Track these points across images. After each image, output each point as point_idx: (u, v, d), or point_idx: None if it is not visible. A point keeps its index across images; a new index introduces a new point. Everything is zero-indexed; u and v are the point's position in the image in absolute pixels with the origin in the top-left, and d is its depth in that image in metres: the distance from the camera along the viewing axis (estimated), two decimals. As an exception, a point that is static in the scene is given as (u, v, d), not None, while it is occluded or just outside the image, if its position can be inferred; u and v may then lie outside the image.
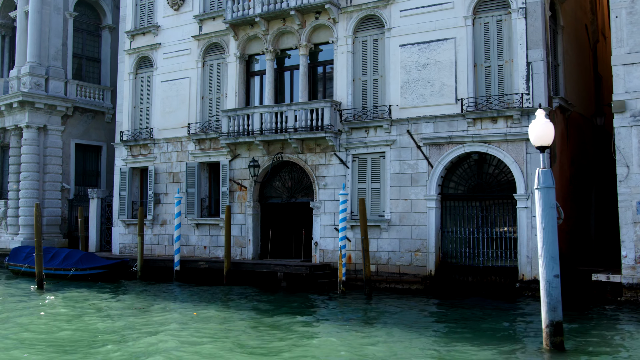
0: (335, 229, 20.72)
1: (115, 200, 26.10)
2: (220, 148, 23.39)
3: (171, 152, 24.75)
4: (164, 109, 24.99)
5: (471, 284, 18.79)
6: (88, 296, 18.41)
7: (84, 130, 29.69)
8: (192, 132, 23.89)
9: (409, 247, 19.48)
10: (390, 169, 19.92)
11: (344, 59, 21.01)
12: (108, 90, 30.46)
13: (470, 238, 19.02)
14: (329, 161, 21.07)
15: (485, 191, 18.91)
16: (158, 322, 14.18)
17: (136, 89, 26.14)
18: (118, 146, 26.32)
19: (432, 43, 19.49)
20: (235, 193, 22.95)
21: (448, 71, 19.16)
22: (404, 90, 19.84)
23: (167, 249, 24.52)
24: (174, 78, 24.81)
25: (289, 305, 16.89)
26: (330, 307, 16.90)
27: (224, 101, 23.62)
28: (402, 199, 19.69)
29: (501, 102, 18.40)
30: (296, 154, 21.65)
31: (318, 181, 21.21)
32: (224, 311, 15.98)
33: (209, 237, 23.49)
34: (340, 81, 21.03)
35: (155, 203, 24.89)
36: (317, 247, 21.06)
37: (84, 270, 21.64)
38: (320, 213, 21.11)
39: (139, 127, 25.89)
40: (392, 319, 14.69)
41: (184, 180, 24.24)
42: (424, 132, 19.49)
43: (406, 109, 19.80)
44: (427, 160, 19.34)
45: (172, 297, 18.48)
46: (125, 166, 25.89)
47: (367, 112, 20.46)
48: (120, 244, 25.83)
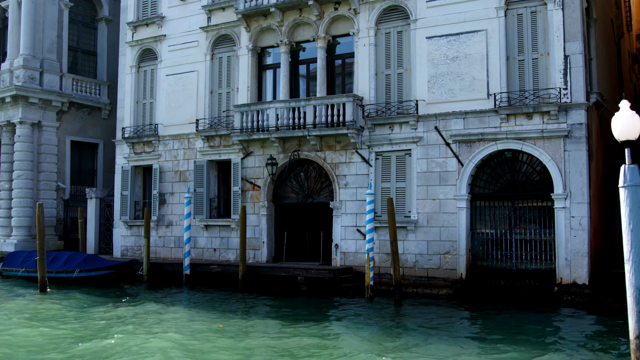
0: (357, 230, 19.70)
1: (116, 201, 24.76)
2: (231, 145, 22.21)
3: (177, 150, 23.50)
4: (169, 104, 23.73)
5: (503, 288, 17.89)
6: (101, 302, 17.14)
7: (80, 126, 28.26)
8: (201, 129, 22.67)
9: (437, 250, 18.52)
10: (417, 168, 18.95)
11: (366, 51, 19.99)
12: (105, 85, 29.07)
13: (502, 240, 18.13)
14: (350, 159, 20.03)
15: (519, 190, 18.02)
16: (191, 335, 12.96)
17: (139, 83, 24.83)
18: (119, 143, 24.98)
19: (462, 35, 18.56)
20: (248, 193, 21.80)
21: (479, 65, 18.25)
22: (431, 84, 18.88)
23: (173, 251, 23.27)
24: (181, 72, 23.57)
25: (318, 312, 15.83)
26: (362, 315, 15.84)
27: (234, 96, 22.45)
28: (429, 199, 18.73)
29: (536, 97, 17.54)
30: (314, 151, 20.58)
31: (338, 180, 20.15)
32: (250, 320, 14.84)
33: (219, 239, 22.30)
34: (362, 75, 20.00)
35: (161, 203, 23.61)
36: (337, 250, 20.00)
37: (89, 271, 20.30)
38: (340, 214, 20.06)
39: (141, 123, 24.59)
40: (434, 331, 13.65)
41: (191, 180, 23.00)
42: (453, 128, 18.55)
43: (434, 104, 18.84)
44: (457, 158, 18.40)
45: (188, 304, 17.27)
46: (127, 164, 24.56)
47: (391, 108, 19.47)
48: (122, 246, 24.50)
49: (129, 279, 21.34)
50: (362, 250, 19.58)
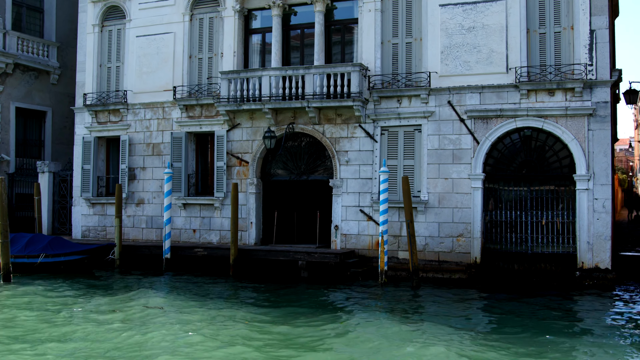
0: (360, 210, 18.30)
1: (75, 175, 22.09)
2: (214, 116, 20.14)
3: (150, 120, 21.13)
4: (140, 68, 21.25)
5: (517, 272, 17.09)
6: (84, 294, 14.91)
7: (26, 92, 25.11)
8: (179, 97, 20.42)
9: (449, 232, 17.44)
10: (428, 144, 17.72)
11: (371, 18, 18.44)
12: (54, 47, 25.95)
13: (517, 222, 17.28)
14: (353, 134, 18.53)
15: (537, 171, 17.17)
16: (210, 336, 11.09)
17: (102, 44, 22.13)
18: (79, 111, 22.25)
19: (479, 4, 17.37)
20: (234, 169, 19.86)
21: (498, 36, 17.15)
22: (444, 56, 17.63)
23: (144, 232, 21.01)
24: (154, 33, 21.12)
25: (332, 302, 14.40)
26: (389, 304, 14.51)
27: (218, 62, 20.33)
28: (441, 178, 17.57)
29: (557, 72, 16.66)
30: (312, 124, 18.92)
31: (339, 156, 18.62)
32: (266, 313, 13.14)
33: (199, 220, 20.26)
34: (367, 43, 18.45)
35: (130, 179, 21.22)
36: (337, 232, 18.53)
37: (57, 256, 17.80)
38: (341, 193, 18.57)
39: (106, 89, 21.97)
40: (472, 319, 12.56)
41: (167, 153, 20.76)
42: (468, 103, 17.42)
43: (447, 77, 17.62)
44: (472, 135, 17.32)
45: (180, 294, 15.25)
46: (90, 135, 21.92)
47: (400, 80, 18.08)
48: (83, 226, 21.93)
49: (97, 265, 18.95)
50: (365, 232, 18.24)
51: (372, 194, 18.16)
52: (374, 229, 18.13)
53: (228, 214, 19.76)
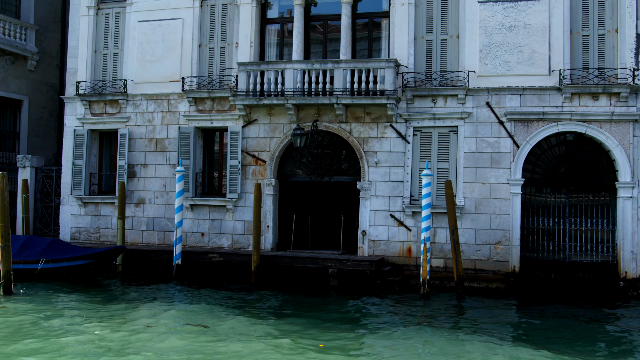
0: (390, 215, 17.27)
1: (65, 171, 20.06)
2: (227, 110, 18.66)
3: (153, 113, 19.39)
4: (143, 56, 19.48)
5: (554, 281, 16.52)
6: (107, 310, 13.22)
7: (1, 78, 22.77)
8: (188, 89, 18.81)
9: (487, 239, 16.66)
10: (465, 147, 16.89)
11: (404, 12, 17.45)
12: (32, 30, 23.67)
13: (554, 229, 16.69)
14: (383, 134, 17.48)
15: (579, 177, 16.62)
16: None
17: (98, 28, 20.20)
18: (70, 101, 20.22)
19: (521, 3, 16.68)
20: (249, 168, 18.44)
21: (540, 37, 16.51)
22: (483, 55, 16.85)
23: (145, 235, 19.27)
24: (160, 18, 19.41)
25: (373, 315, 13.32)
26: (437, 318, 13.56)
27: (231, 52, 18.85)
28: (479, 183, 16.78)
29: (601, 76, 16.17)
30: (337, 122, 17.74)
31: (367, 157, 17.52)
32: (311, 330, 11.92)
33: (208, 222, 18.72)
34: (399, 39, 17.45)
35: (129, 177, 19.41)
36: (365, 238, 17.43)
37: (59, 261, 15.90)
38: (369, 196, 17.48)
39: (101, 77, 20.06)
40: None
41: (172, 149, 19.10)
42: (507, 105, 16.70)
43: (486, 77, 16.85)
44: (512, 139, 16.60)
45: (211, 308, 13.76)
46: (82, 128, 19.95)
47: (435, 78, 17.17)
48: (73, 227, 19.93)
49: (97, 272, 17.09)
50: (395, 238, 17.23)
51: (404, 198, 17.18)
52: (405, 235, 17.15)
53: (241, 217, 18.35)
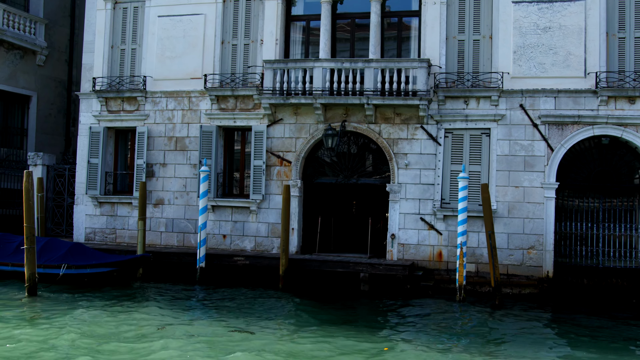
0: (421, 218, 16.90)
1: (79, 170, 19.44)
2: (251, 109, 18.18)
3: (173, 111, 18.84)
4: (162, 52, 18.92)
5: (587, 287, 16.25)
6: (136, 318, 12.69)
7: (10, 73, 22.06)
8: (210, 86, 18.30)
9: (520, 244, 16.36)
10: (498, 150, 16.58)
11: (436, 11, 17.10)
12: (42, 24, 22.97)
13: (587, 234, 16.44)
14: (413, 135, 17.10)
15: (613, 181, 16.38)
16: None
17: (115, 22, 19.59)
18: (86, 97, 19.60)
19: (556, 3, 16.40)
20: (274, 168, 17.97)
21: (576, 38, 16.24)
22: (517, 56, 16.54)
23: (163, 236, 18.71)
24: (180, 13, 18.86)
25: (435, 323, 12.95)
26: (479, 325, 13.22)
27: (256, 49, 18.36)
28: (512, 186, 16.46)
29: (638, 79, 15.94)
30: (366, 123, 17.34)
31: (397, 159, 17.14)
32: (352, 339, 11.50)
33: (230, 224, 18.22)
34: (431, 39, 17.09)
35: (148, 176, 18.84)
36: (394, 241, 17.04)
37: (82, 268, 15.30)
38: (399, 199, 17.09)
39: (118, 73, 19.46)
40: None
41: (193, 148, 18.57)
42: (542, 107, 16.41)
43: (519, 79, 16.55)
44: (546, 142, 16.32)
45: (247, 313, 13.34)
46: (98, 125, 19.34)
47: (468, 79, 16.83)
48: (87, 228, 19.31)
49: (124, 276, 16.44)
50: (426, 242, 16.87)
51: (434, 201, 16.82)
52: (435, 239, 16.80)
53: (265, 219, 17.88)
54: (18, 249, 15.83)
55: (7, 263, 15.59)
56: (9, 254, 15.80)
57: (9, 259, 15.72)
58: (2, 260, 15.71)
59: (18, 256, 15.68)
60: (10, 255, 15.77)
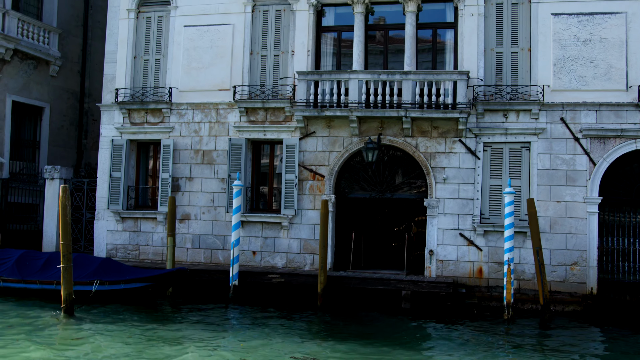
0: (460, 234, 16.50)
1: (101, 184, 18.77)
2: (282, 122, 17.71)
3: (200, 123, 18.30)
4: (189, 63, 18.40)
5: (629, 304, 15.94)
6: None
7: (24, 84, 21.36)
8: (240, 98, 17.80)
9: (562, 260, 16.01)
10: (538, 164, 16.27)
11: (474, 23, 16.83)
12: (55, 33, 22.33)
13: (630, 250, 16.15)
14: (451, 149, 16.74)
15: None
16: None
17: (138, 32, 19.05)
18: (107, 109, 18.98)
19: (596, 16, 16.21)
20: (306, 183, 17.48)
21: (617, 51, 16.04)
22: (557, 69, 16.30)
23: (189, 253, 18.08)
24: (207, 23, 18.39)
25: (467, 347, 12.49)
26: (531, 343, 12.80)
27: (287, 61, 17.93)
28: (553, 201, 16.14)
29: (679, 93, 15.79)
30: (402, 137, 16.94)
31: (434, 173, 16.75)
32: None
33: (260, 240, 17.66)
34: (468, 50, 16.79)
35: (173, 191, 18.23)
36: (432, 257, 16.61)
37: (115, 284, 14.64)
38: (437, 214, 16.68)
39: (141, 84, 18.89)
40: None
41: (221, 162, 18.02)
42: (583, 121, 16.15)
43: (560, 92, 16.29)
44: (588, 156, 16.05)
45: (299, 334, 12.81)
46: (121, 138, 18.71)
47: (508, 92, 16.54)
48: (109, 244, 18.62)
49: (158, 293, 15.75)
50: (465, 258, 16.46)
51: (474, 216, 16.44)
52: (475, 255, 16.40)
53: (297, 235, 17.37)
54: (46, 266, 15.15)
55: (34, 281, 14.88)
56: (35, 271, 15.10)
57: (36, 276, 15.02)
58: (29, 277, 14.98)
59: (46, 273, 15.01)
60: (37, 273, 15.06)
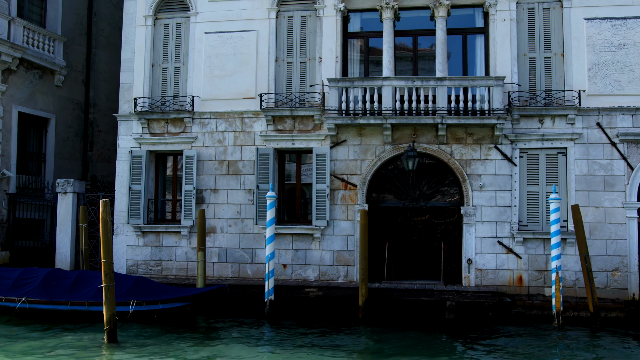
0: (499, 242, 16.22)
1: (120, 198, 17.99)
2: (310, 130, 17.23)
3: (224, 132, 17.70)
4: (211, 71, 17.81)
5: (668, 309, 15.86)
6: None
7: (29, 94, 20.44)
8: (266, 107, 17.27)
9: (603, 266, 15.85)
10: (576, 169, 16.11)
11: (506, 28, 16.64)
12: (60, 42, 21.47)
13: (666, 255, 16.08)
14: (487, 155, 16.48)
15: (692, 200, 16.13)
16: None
17: (156, 39, 18.38)
18: (125, 119, 18.24)
19: (630, 20, 16.18)
20: (338, 192, 17.00)
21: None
22: (592, 74, 16.20)
23: (216, 267, 17.43)
24: (230, 30, 17.83)
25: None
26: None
27: (314, 67, 17.48)
28: (592, 207, 15.99)
29: None
30: (437, 144, 16.63)
31: (471, 181, 16.45)
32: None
33: (291, 252, 17.11)
34: (501, 56, 16.59)
35: (198, 203, 17.57)
36: (470, 267, 16.28)
37: (153, 304, 13.91)
38: (474, 222, 16.37)
39: (160, 93, 18.21)
40: None
41: (247, 172, 17.45)
42: (619, 126, 16.07)
43: (595, 97, 16.19)
44: (626, 161, 15.96)
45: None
46: (140, 149, 17.99)
47: (544, 97, 16.37)
48: (129, 260, 17.83)
49: (194, 313, 15.04)
50: (504, 266, 16.18)
51: (512, 223, 16.18)
52: (515, 263, 16.13)
53: (330, 246, 16.88)
54: (75, 286, 14.33)
55: (65, 302, 14.05)
56: (64, 291, 14.26)
57: (65, 296, 14.18)
58: (58, 298, 14.15)
59: (76, 294, 14.21)
60: (66, 293, 14.23)
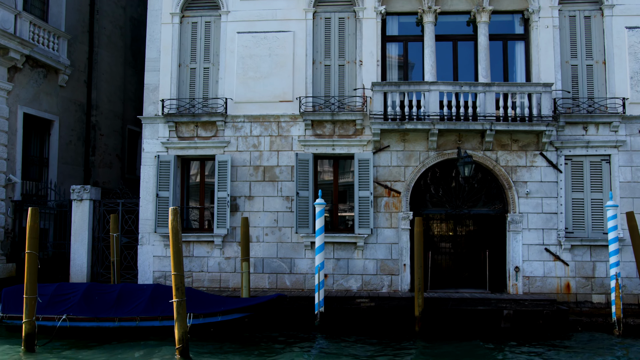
0: (546, 249, 16.09)
1: (146, 205, 16.87)
2: (351, 135, 16.67)
3: (259, 137, 16.89)
4: (245, 72, 16.99)
5: None
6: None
7: (34, 94, 19.02)
8: (304, 110, 16.61)
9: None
10: (620, 177, 16.19)
11: (549, 35, 16.61)
12: (65, 39, 20.12)
13: None
14: (532, 162, 16.35)
15: None
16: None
17: (183, 38, 17.42)
18: (150, 122, 17.16)
19: (669, 30, 16.47)
20: (381, 200, 16.49)
21: (690, 65, 16.34)
22: (634, 82, 16.36)
23: (253, 278, 16.54)
24: (265, 30, 17.09)
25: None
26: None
27: (353, 70, 16.95)
28: (637, 214, 16.07)
29: None
30: (482, 150, 16.39)
31: (516, 188, 16.27)
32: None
33: (332, 262, 16.45)
34: (545, 62, 16.54)
35: (232, 211, 16.68)
36: (518, 274, 16.07)
37: (211, 316, 12.96)
38: (521, 229, 16.19)
39: (187, 95, 17.25)
40: None
41: (285, 179, 16.70)
42: (661, 133, 16.30)
43: (637, 105, 16.35)
44: (668, 168, 16.17)
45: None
46: (167, 154, 16.95)
47: (589, 105, 16.40)
48: (156, 271, 16.73)
49: (253, 325, 14.14)
50: (552, 273, 16.06)
51: (559, 231, 16.09)
52: (562, 270, 16.03)
53: (373, 255, 16.34)
54: (120, 301, 13.22)
55: (112, 318, 12.91)
56: (109, 307, 13.12)
57: (111, 312, 13.05)
58: (103, 315, 13.00)
59: (123, 309, 13.11)
60: (112, 309, 13.10)
